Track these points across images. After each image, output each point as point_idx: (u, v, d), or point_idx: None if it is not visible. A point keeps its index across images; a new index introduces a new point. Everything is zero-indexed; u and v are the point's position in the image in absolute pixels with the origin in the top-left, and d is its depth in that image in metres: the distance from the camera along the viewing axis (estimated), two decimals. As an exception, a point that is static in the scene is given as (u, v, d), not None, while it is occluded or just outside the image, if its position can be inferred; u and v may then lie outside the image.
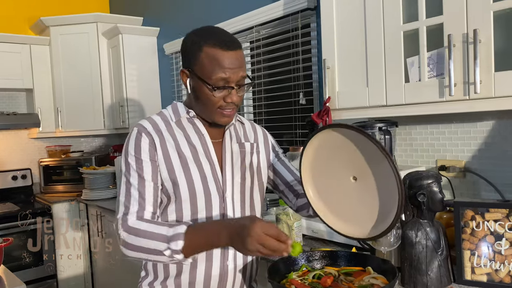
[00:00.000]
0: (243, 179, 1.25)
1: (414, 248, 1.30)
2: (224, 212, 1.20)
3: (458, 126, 1.73)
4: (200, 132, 1.22)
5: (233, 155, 1.25)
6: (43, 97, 3.66)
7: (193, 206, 1.18)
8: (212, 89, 1.11)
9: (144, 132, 1.19)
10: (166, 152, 1.18)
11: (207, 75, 1.11)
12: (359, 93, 1.69)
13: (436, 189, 1.30)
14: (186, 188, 1.17)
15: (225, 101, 1.13)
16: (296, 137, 2.45)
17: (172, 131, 1.21)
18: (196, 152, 1.20)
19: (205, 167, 1.19)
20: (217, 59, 1.09)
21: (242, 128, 1.34)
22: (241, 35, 2.75)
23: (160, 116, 1.25)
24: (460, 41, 1.38)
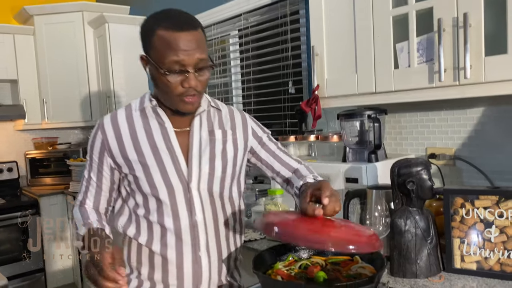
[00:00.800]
0: (212, 169, 1.18)
1: (403, 237, 1.28)
2: (191, 204, 1.15)
3: (448, 114, 1.71)
4: (162, 121, 1.17)
5: (202, 144, 1.19)
6: (28, 88, 3.59)
7: (157, 200, 1.15)
8: (165, 74, 1.04)
9: (100, 129, 1.18)
10: (123, 147, 1.16)
11: (160, 59, 1.05)
12: (348, 80, 1.66)
13: (426, 176, 1.27)
14: (146, 182, 1.14)
15: (183, 86, 1.06)
16: (286, 126, 2.42)
17: (132, 123, 1.17)
18: (155, 143, 1.15)
19: (165, 158, 1.14)
20: (169, 41, 1.03)
21: (218, 115, 1.25)
22: (229, 23, 2.70)
23: (126, 108, 1.22)
24: (450, 25, 1.35)
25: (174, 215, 1.14)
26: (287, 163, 1.31)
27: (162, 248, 1.15)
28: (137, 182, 1.15)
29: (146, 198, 1.16)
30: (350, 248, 0.87)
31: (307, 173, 1.25)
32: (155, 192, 1.14)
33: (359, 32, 1.60)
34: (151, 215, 1.15)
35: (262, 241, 1.73)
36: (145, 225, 1.17)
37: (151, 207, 1.15)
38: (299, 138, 1.90)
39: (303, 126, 2.02)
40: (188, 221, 1.14)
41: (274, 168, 1.31)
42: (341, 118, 1.69)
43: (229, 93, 2.86)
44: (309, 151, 1.93)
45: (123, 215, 1.22)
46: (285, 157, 1.32)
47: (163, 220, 1.14)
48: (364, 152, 1.64)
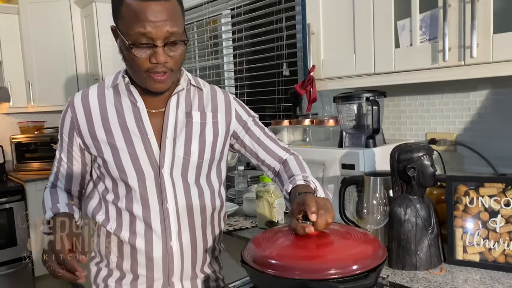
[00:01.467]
0: (187, 153, 1.10)
1: (403, 226, 1.20)
2: (162, 190, 1.07)
3: (449, 97, 1.62)
4: (134, 101, 1.08)
5: (177, 126, 1.10)
6: (12, 69, 3.45)
7: (126, 185, 1.08)
8: (129, 47, 0.95)
9: (70, 107, 1.12)
10: (92, 126, 1.09)
11: (127, 30, 0.95)
12: (345, 60, 1.56)
13: (428, 162, 1.19)
14: (114, 166, 1.07)
15: (151, 62, 0.97)
16: (279, 111, 2.32)
17: (104, 101, 1.09)
18: (125, 123, 1.07)
19: (135, 140, 1.07)
20: (136, 11, 0.93)
21: (198, 95, 1.16)
22: (221, 2, 2.58)
23: (99, 85, 1.14)
24: (456, 0, 1.25)
25: (144, 202, 1.07)
26: (274, 152, 1.22)
27: (131, 237, 1.08)
28: (105, 165, 1.08)
29: (115, 183, 1.09)
30: (355, 269, 0.79)
31: (297, 170, 1.15)
32: (124, 177, 1.07)
33: (358, 8, 1.50)
34: (119, 201, 1.09)
35: (254, 230, 1.66)
36: (113, 212, 1.10)
37: (120, 193, 1.09)
38: (293, 123, 1.81)
39: (297, 110, 1.93)
40: (159, 209, 1.07)
41: (259, 156, 1.22)
42: (337, 101, 1.60)
43: (221, 75, 2.75)
44: (304, 136, 1.84)
45: (93, 199, 1.15)
46: (272, 144, 1.23)
47: (132, 207, 1.08)
48: (362, 137, 1.55)
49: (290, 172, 1.16)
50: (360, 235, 0.91)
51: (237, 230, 1.65)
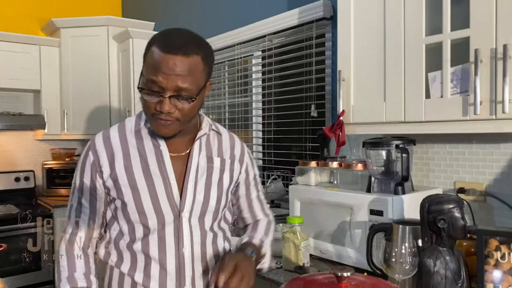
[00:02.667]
0: (207, 198, 1.13)
1: (432, 278, 1.19)
2: (180, 234, 1.10)
3: (479, 147, 1.63)
4: (157, 144, 1.12)
5: (199, 170, 1.13)
6: (50, 98, 3.62)
7: (145, 227, 1.09)
8: (139, 88, 1.02)
9: (91, 150, 1.12)
10: (114, 169, 1.10)
11: (144, 74, 1.03)
12: (375, 107, 1.60)
13: (458, 215, 1.20)
14: (134, 209, 1.08)
15: (155, 109, 1.02)
16: (306, 150, 2.36)
17: (126, 145, 1.12)
18: (148, 167, 1.10)
19: (157, 183, 1.09)
20: (155, 59, 0.99)
21: (218, 140, 1.21)
22: (253, 43, 2.68)
23: (119, 127, 1.16)
24: (487, 56, 1.28)
25: (161, 244, 1.09)
26: (255, 214, 1.31)
27: (145, 279, 1.10)
28: (124, 207, 1.09)
29: (131, 225, 1.10)
30: None
31: (261, 231, 1.25)
32: (143, 219, 1.09)
33: (389, 58, 1.55)
34: (135, 244, 1.10)
35: (279, 271, 1.66)
36: (128, 254, 1.12)
37: (137, 235, 1.10)
38: (321, 164, 1.84)
39: (325, 152, 1.96)
40: (175, 253, 1.10)
41: (242, 212, 1.30)
42: (366, 146, 1.63)
43: (249, 113, 2.82)
44: (331, 178, 1.86)
45: (103, 243, 1.16)
46: (258, 207, 1.32)
47: (149, 250, 1.09)
48: (390, 183, 1.57)
49: (255, 229, 1.27)
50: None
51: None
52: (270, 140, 2.63)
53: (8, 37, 3.39)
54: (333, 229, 1.69)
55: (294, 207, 1.84)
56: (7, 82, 3.41)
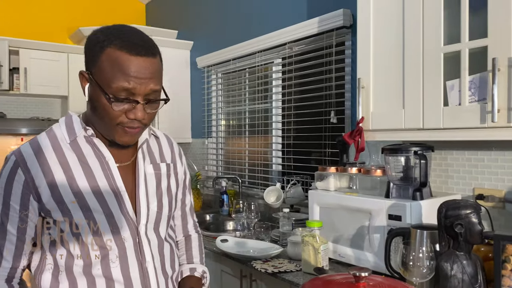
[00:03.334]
0: (160, 207, 1.07)
1: (449, 282, 1.22)
2: (140, 249, 1.02)
3: (498, 154, 1.65)
4: (102, 156, 1.00)
5: (147, 179, 1.05)
6: (77, 104, 3.74)
7: (102, 249, 0.98)
8: (110, 100, 0.90)
9: (20, 167, 0.95)
10: (55, 190, 0.95)
11: (107, 82, 0.89)
12: (394, 114, 1.63)
13: (475, 220, 1.22)
14: (88, 230, 0.96)
15: (128, 117, 0.92)
16: (325, 156, 2.40)
17: (64, 158, 0.97)
18: (96, 182, 0.98)
19: (109, 200, 0.98)
20: (120, 64, 0.88)
21: (158, 144, 1.14)
22: (273, 51, 2.74)
23: (49, 136, 1.00)
24: (505, 65, 1.31)
25: (123, 264, 0.99)
26: (186, 223, 1.25)
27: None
28: (74, 230, 0.95)
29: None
30: None
31: (196, 255, 1.22)
32: (100, 241, 0.97)
33: (408, 67, 1.59)
34: (93, 268, 0.98)
35: (298, 273, 1.70)
36: (83, 280, 0.98)
37: (92, 258, 0.98)
38: (340, 170, 1.88)
39: (344, 158, 1.99)
40: (138, 269, 1.02)
41: (175, 218, 1.22)
42: (385, 152, 1.66)
43: (269, 119, 2.88)
44: (349, 184, 1.90)
45: (47, 271, 1.00)
46: (189, 216, 1.26)
47: (110, 272, 0.98)
48: (409, 189, 1.59)
49: (190, 253, 1.22)
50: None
51: (282, 272, 1.70)
52: (290, 146, 2.67)
53: (39, 45, 3.54)
54: (352, 233, 1.73)
55: (313, 211, 1.88)
56: (37, 89, 3.57)
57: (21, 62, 3.48)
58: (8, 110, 3.66)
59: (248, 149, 3.10)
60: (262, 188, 2.83)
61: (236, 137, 3.22)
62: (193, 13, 3.66)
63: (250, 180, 3.03)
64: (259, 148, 2.98)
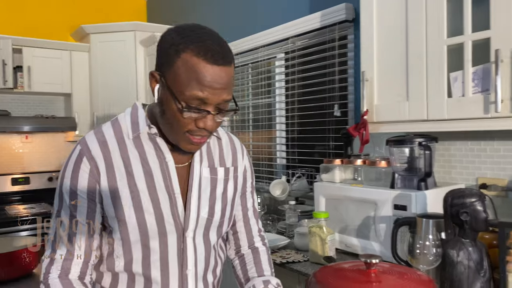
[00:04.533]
0: (211, 214, 1.03)
1: (455, 268, 1.26)
2: (184, 255, 1.00)
3: (500, 144, 1.68)
4: (162, 156, 0.98)
5: (201, 183, 1.02)
6: (80, 101, 3.78)
7: (145, 247, 0.96)
8: (182, 109, 0.87)
9: (86, 156, 0.93)
10: (114, 184, 0.94)
11: (180, 88, 0.86)
12: (398, 106, 1.66)
13: (480, 208, 1.26)
14: (137, 229, 0.95)
15: (197, 126, 0.89)
16: (329, 149, 2.43)
17: (126, 153, 0.96)
18: (153, 182, 0.96)
19: (163, 201, 0.97)
20: (197, 72, 0.85)
21: (218, 146, 1.09)
22: (276, 46, 2.76)
23: (114, 128, 0.98)
24: (508, 56, 1.34)
25: (163, 266, 0.98)
26: (250, 230, 1.17)
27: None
28: (123, 227, 0.94)
29: (128, 246, 0.96)
30: None
31: (267, 269, 1.13)
32: (145, 240, 0.96)
33: (412, 59, 1.61)
34: (134, 265, 0.97)
35: (306, 264, 1.74)
36: (125, 276, 0.99)
37: (134, 256, 0.97)
38: (345, 162, 1.91)
39: (348, 150, 2.03)
40: (178, 275, 1.00)
41: (236, 225, 1.16)
42: (390, 144, 1.69)
43: (272, 113, 2.90)
44: (354, 175, 1.93)
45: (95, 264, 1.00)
46: (253, 220, 1.18)
47: (150, 272, 0.98)
48: (414, 179, 1.63)
49: (260, 266, 1.12)
50: (417, 276, 0.99)
51: (290, 263, 1.74)
52: (294, 140, 2.70)
53: (41, 43, 3.56)
54: (358, 223, 1.76)
55: (319, 203, 1.91)
56: (40, 86, 3.58)
57: (24, 60, 3.49)
58: (13, 108, 3.68)
59: (252, 144, 3.13)
60: (267, 182, 2.86)
61: (240, 132, 3.25)
62: (195, 9, 3.68)
63: (255, 174, 3.06)
64: (263, 143, 3.01)
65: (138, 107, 1.02)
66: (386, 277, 0.98)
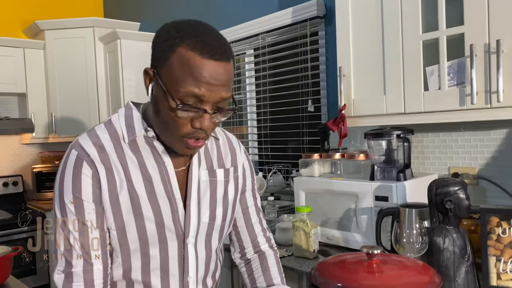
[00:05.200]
0: (212, 218, 1.00)
1: (442, 255, 1.31)
2: (185, 262, 0.97)
3: (471, 134, 1.77)
4: (161, 160, 0.94)
5: (201, 187, 0.98)
6: (36, 102, 3.58)
7: (145, 255, 0.93)
8: (177, 107, 0.82)
9: (86, 160, 0.88)
10: (113, 190, 0.89)
11: (175, 85, 0.82)
12: (376, 101, 1.71)
13: (463, 196, 1.32)
14: (136, 237, 0.91)
15: (193, 126, 0.84)
16: (303, 144, 2.45)
17: (124, 158, 0.91)
18: (153, 188, 0.92)
19: (163, 207, 0.93)
20: (192, 67, 0.80)
21: (216, 147, 1.05)
22: (245, 42, 2.75)
23: (109, 131, 0.93)
24: (481, 51, 1.41)
25: (164, 274, 0.95)
26: (253, 230, 1.13)
27: None
28: (122, 236, 0.90)
29: (127, 254, 0.92)
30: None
31: (276, 276, 1.09)
32: (145, 247, 0.92)
33: (388, 55, 1.66)
34: (133, 273, 0.94)
35: (290, 258, 1.75)
36: (122, 284, 0.96)
37: (134, 264, 0.93)
38: (324, 156, 1.94)
39: (325, 144, 2.06)
40: (179, 282, 0.98)
41: (237, 225, 1.11)
42: (368, 137, 1.73)
43: (243, 110, 2.89)
44: (332, 169, 1.96)
45: None
46: (256, 220, 1.13)
47: (149, 280, 0.95)
48: (392, 171, 1.68)
49: (268, 274, 1.09)
50: (416, 264, 1.02)
51: (274, 258, 1.74)
52: (266, 136, 2.71)
53: (-9, 40, 3.34)
54: (339, 216, 1.79)
55: (299, 197, 1.93)
56: (-9, 86, 3.37)
57: (-27, 58, 3.27)
58: (-39, 110, 3.44)
59: (221, 141, 3.10)
60: (239, 179, 2.85)
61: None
62: (155, 4, 3.59)
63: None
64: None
65: (132, 108, 0.96)
66: (388, 267, 1.01)
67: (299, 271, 1.63)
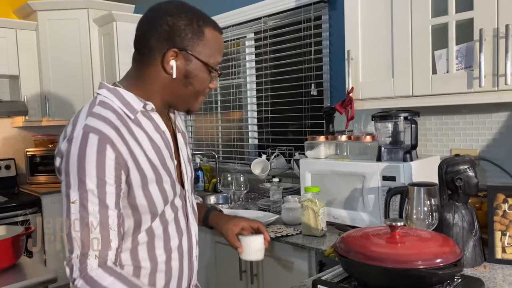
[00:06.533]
0: (191, 171, 1.18)
1: (452, 230, 1.37)
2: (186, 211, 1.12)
3: (473, 117, 1.83)
4: (160, 128, 1.04)
5: (182, 147, 1.15)
6: (29, 84, 3.52)
7: (162, 214, 1.03)
8: (216, 74, 1.06)
9: (109, 143, 0.91)
10: (139, 166, 0.96)
11: (208, 58, 1.02)
12: (384, 83, 1.75)
13: (472, 174, 1.38)
14: (161, 199, 1.01)
15: (210, 87, 1.07)
16: (306, 127, 2.49)
17: (134, 134, 0.97)
18: (161, 154, 1.02)
19: (171, 168, 1.05)
20: (218, 42, 1.05)
21: (177, 114, 1.20)
22: (246, 26, 2.76)
23: (112, 111, 0.97)
24: (490, 35, 1.46)
25: (177, 226, 1.08)
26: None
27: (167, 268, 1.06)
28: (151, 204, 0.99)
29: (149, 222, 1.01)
30: (438, 262, 0.96)
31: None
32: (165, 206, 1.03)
33: (397, 38, 1.70)
34: (156, 238, 1.03)
35: (299, 236, 1.80)
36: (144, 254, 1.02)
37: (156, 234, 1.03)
38: (330, 138, 1.98)
39: (330, 127, 2.10)
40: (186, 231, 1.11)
41: None
42: (375, 119, 1.78)
43: (242, 94, 2.91)
44: (337, 151, 2.01)
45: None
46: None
47: (168, 234, 1.05)
48: (399, 152, 1.73)
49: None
50: (436, 236, 1.08)
51: (284, 236, 1.79)
52: (267, 120, 2.74)
53: (-18, 20, 3.26)
54: (345, 196, 1.85)
55: (305, 178, 1.98)
56: (-17, 68, 3.29)
57: (-37, 39, 3.19)
58: (-49, 92, 3.36)
59: (221, 125, 3.12)
60: (239, 163, 2.88)
61: (208, 113, 3.22)
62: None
63: (225, 155, 3.07)
64: (233, 124, 3.01)
65: (117, 88, 1.01)
66: (410, 238, 1.06)
67: (309, 247, 1.68)
